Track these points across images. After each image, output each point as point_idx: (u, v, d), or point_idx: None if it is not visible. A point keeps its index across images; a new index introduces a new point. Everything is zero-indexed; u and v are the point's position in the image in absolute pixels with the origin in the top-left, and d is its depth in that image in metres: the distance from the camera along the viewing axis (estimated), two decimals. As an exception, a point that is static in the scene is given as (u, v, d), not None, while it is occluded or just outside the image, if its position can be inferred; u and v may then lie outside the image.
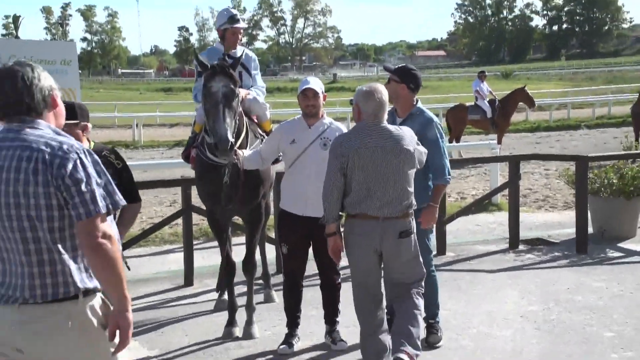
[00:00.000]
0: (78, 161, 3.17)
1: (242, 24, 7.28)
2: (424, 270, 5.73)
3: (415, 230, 5.58)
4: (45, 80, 3.43)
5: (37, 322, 3.20)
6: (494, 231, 11.14)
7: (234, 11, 7.44)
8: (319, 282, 6.46)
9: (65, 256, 3.21)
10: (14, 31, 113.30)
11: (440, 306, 6.64)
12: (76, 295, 3.22)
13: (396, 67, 6.55)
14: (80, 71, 42.04)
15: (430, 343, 6.28)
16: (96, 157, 3.33)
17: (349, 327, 6.44)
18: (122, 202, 3.30)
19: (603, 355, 6.16)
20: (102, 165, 3.33)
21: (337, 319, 6.39)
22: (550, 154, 15.92)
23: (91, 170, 3.21)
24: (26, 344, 3.25)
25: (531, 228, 11.08)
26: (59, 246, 3.20)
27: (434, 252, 8.54)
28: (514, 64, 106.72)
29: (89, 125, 5.28)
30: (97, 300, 3.31)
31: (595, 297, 7.76)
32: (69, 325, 3.20)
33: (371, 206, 5.36)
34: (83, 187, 3.12)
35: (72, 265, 3.22)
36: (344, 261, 6.22)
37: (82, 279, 3.23)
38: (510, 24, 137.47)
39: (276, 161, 6.57)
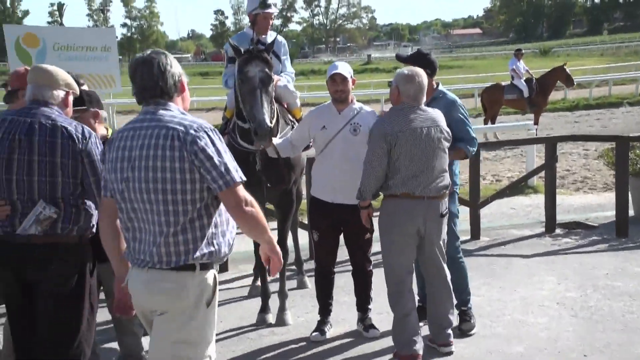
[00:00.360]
0: (208, 139, 3.57)
1: (273, 9, 7.17)
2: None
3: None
4: (176, 67, 3.83)
5: (159, 284, 3.66)
6: (529, 214, 10.94)
7: None
8: (351, 268, 6.40)
9: (193, 229, 3.63)
10: (59, 18, 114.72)
11: (474, 292, 6.61)
12: (194, 266, 3.65)
13: (408, 54, 6.48)
14: (120, 57, 41.98)
15: (464, 331, 6.24)
16: (219, 135, 3.70)
17: (382, 314, 6.41)
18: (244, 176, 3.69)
19: (640, 341, 6.03)
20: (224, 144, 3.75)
21: (369, 306, 6.36)
22: (588, 134, 15.57)
23: (220, 145, 3.61)
24: (149, 301, 3.77)
25: (569, 211, 10.89)
26: (189, 219, 3.60)
27: (468, 237, 8.55)
28: (552, 40, 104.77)
29: (101, 112, 5.26)
30: (210, 275, 3.74)
31: (635, 283, 7.59)
32: (184, 292, 3.65)
33: (417, 186, 5.42)
34: (216, 161, 3.53)
35: (198, 239, 3.64)
36: (376, 247, 6.24)
37: (203, 254, 3.64)
38: (549, 2, 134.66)
39: (307, 148, 6.49)
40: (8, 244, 4.24)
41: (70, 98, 4.65)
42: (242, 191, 3.63)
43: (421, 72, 5.60)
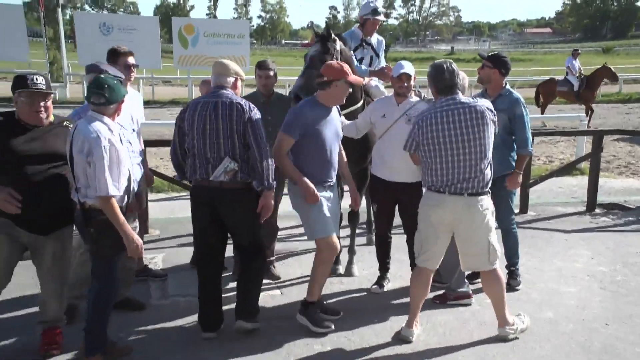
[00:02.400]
0: None
1: (382, 17, 6.98)
2: None
3: None
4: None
5: (473, 205, 4.81)
6: (574, 194, 10.33)
7: (378, 5, 7.06)
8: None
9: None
10: (213, 11, 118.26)
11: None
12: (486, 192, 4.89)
13: (489, 54, 6.17)
14: (254, 42, 43.03)
15: (512, 286, 6.15)
16: None
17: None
18: None
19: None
20: None
21: None
22: (632, 129, 14.58)
23: None
24: (467, 216, 4.84)
25: (610, 193, 10.24)
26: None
27: (517, 211, 8.17)
28: (615, 40, 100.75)
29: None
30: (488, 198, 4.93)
31: (668, 262, 7.12)
32: (480, 209, 4.83)
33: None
34: None
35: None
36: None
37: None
38: (615, 3, 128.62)
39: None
40: (205, 188, 4.96)
41: (239, 82, 5.18)
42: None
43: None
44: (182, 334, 5.20)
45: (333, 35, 5.81)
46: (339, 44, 5.82)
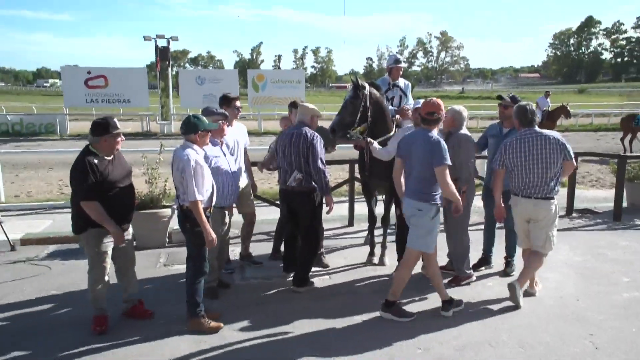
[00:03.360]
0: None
1: (402, 65, 6.89)
2: None
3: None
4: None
5: (539, 205, 5.12)
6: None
7: (399, 56, 7.06)
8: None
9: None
10: (278, 63, 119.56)
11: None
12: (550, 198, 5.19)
13: (510, 96, 6.03)
14: (308, 85, 43.55)
15: (507, 272, 6.12)
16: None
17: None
18: None
19: (620, 293, 5.61)
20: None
21: None
22: (600, 152, 14.04)
23: None
24: (534, 213, 5.15)
25: (583, 201, 9.90)
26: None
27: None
28: (587, 84, 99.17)
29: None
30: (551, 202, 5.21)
31: (621, 252, 6.98)
32: (543, 209, 5.14)
33: None
34: None
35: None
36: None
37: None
38: (586, 57, 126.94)
39: None
40: (284, 191, 5.67)
41: (315, 119, 5.63)
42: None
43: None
44: (253, 303, 5.29)
45: (362, 84, 5.79)
46: (367, 90, 5.76)
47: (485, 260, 6.34)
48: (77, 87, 24.02)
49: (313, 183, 5.48)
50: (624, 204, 8.97)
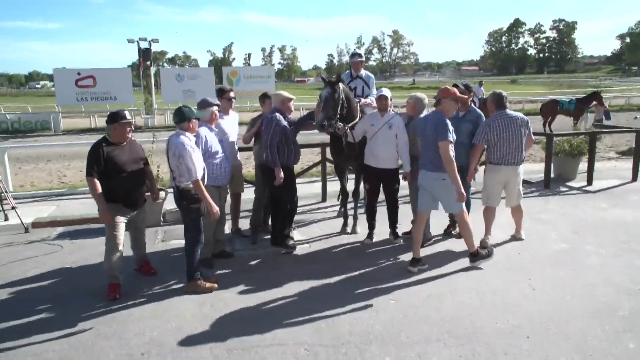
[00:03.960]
0: None
1: (360, 59, 6.77)
2: None
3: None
4: None
5: (518, 170, 5.77)
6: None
7: (358, 51, 7.06)
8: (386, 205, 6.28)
9: None
10: (248, 61, 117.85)
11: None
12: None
13: (464, 84, 6.24)
14: (277, 80, 43.38)
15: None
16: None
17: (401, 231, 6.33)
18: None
19: (550, 246, 5.98)
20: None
21: (397, 226, 6.29)
22: (537, 132, 14.58)
23: None
24: (512, 177, 5.74)
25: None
26: None
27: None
28: (517, 75, 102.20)
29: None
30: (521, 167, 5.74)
31: (551, 215, 7.32)
32: (518, 173, 5.84)
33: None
34: None
35: None
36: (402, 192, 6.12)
37: None
38: (516, 52, 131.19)
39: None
40: (261, 165, 5.84)
41: (287, 103, 5.65)
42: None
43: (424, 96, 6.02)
44: (243, 271, 5.41)
45: (333, 80, 5.81)
46: (341, 86, 5.79)
47: (452, 226, 6.48)
48: (68, 87, 23.35)
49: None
50: (552, 175, 9.36)
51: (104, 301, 4.68)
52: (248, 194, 6.80)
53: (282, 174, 5.55)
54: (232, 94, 6.08)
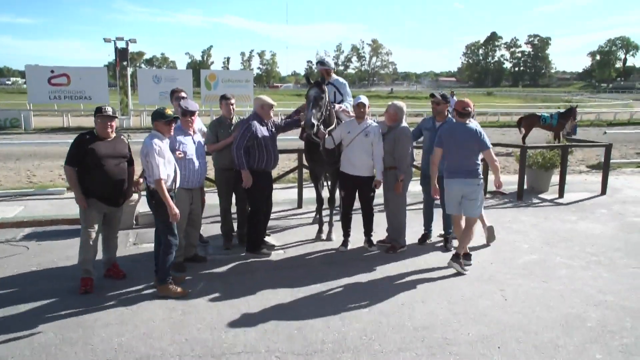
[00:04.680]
0: None
1: (326, 67, 6.59)
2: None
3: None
4: None
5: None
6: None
7: (324, 58, 7.02)
8: (361, 212, 6.28)
9: None
10: (227, 65, 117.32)
11: (435, 232, 6.61)
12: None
13: (441, 94, 6.21)
14: (255, 85, 43.37)
15: (447, 248, 6.29)
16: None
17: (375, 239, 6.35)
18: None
19: (521, 257, 6.08)
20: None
21: (372, 234, 6.29)
22: (510, 143, 14.80)
23: None
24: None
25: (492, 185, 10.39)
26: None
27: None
28: (493, 88, 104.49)
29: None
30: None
31: (522, 225, 7.48)
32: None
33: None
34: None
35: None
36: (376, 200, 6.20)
37: None
38: (492, 65, 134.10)
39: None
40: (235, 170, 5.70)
41: (265, 108, 5.66)
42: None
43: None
44: (216, 276, 5.33)
45: (321, 80, 5.88)
46: (326, 88, 5.81)
47: (426, 236, 6.54)
48: (40, 84, 22.80)
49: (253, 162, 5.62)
50: (525, 187, 9.54)
51: (70, 305, 4.54)
52: (214, 199, 6.69)
53: (249, 177, 5.54)
54: (183, 94, 5.99)
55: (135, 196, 6.92)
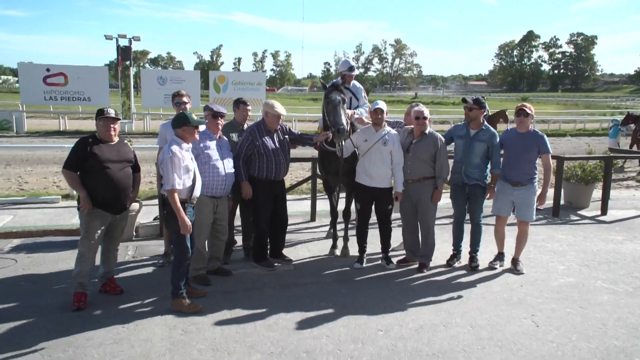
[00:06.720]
0: None
1: (355, 72, 6.92)
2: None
3: None
4: None
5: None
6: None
7: (352, 63, 7.15)
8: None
9: None
10: (238, 66, 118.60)
11: (465, 246, 6.52)
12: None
13: (474, 98, 6.15)
14: (267, 87, 43.87)
15: (473, 267, 6.26)
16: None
17: (394, 257, 6.41)
18: None
19: (557, 279, 6.05)
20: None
21: (389, 250, 6.34)
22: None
23: None
24: None
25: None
26: None
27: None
28: (528, 93, 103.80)
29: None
30: None
31: (558, 244, 7.45)
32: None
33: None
34: None
35: None
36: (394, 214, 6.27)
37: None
38: (528, 68, 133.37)
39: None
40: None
41: (270, 115, 5.80)
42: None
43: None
44: (220, 292, 5.38)
45: (338, 83, 6.01)
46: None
47: (455, 256, 6.46)
48: (35, 84, 23.27)
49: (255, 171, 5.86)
50: (562, 202, 9.47)
51: (60, 323, 4.63)
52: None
53: (249, 188, 5.71)
54: (185, 99, 6.16)
55: (135, 206, 7.05)
